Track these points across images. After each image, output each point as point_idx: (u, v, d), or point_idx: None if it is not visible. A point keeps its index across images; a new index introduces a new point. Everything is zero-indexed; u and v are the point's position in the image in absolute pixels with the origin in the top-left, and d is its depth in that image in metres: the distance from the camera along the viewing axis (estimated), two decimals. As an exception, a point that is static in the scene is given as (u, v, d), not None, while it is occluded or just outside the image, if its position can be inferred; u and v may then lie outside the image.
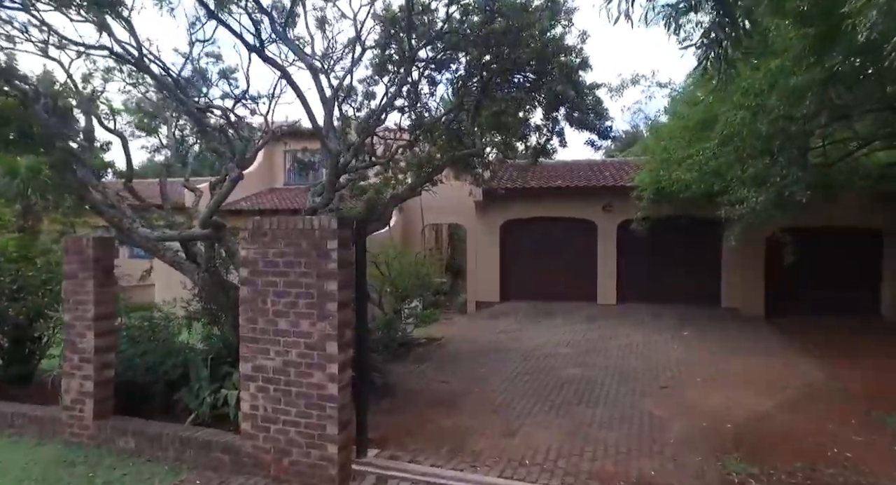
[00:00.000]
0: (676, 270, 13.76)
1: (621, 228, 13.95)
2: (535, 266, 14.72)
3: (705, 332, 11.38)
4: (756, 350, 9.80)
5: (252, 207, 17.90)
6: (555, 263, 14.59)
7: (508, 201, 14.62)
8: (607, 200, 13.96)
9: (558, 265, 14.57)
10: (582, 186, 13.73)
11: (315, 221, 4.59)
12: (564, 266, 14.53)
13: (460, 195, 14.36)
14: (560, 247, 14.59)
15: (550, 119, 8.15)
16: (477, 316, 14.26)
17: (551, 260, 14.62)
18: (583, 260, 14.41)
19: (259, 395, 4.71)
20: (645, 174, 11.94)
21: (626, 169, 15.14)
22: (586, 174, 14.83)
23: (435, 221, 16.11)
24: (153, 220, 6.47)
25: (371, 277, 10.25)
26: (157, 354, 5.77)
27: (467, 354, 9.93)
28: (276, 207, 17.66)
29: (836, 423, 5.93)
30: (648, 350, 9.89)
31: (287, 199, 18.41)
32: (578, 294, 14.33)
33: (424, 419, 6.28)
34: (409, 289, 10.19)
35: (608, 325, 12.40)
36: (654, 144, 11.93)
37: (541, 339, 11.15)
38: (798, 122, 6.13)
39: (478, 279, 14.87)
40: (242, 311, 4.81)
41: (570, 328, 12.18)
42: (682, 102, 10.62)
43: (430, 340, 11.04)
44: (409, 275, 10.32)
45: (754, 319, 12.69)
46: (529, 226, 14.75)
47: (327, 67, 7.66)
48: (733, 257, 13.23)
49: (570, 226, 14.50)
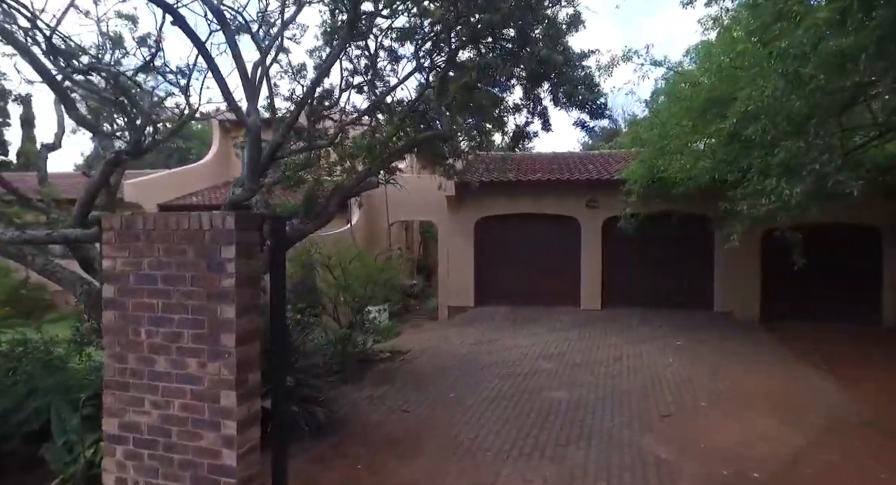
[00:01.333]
0: (665, 271, 12.71)
1: (607, 226, 12.84)
2: (512, 268, 13.51)
3: (700, 340, 10.32)
4: (758, 363, 8.74)
5: (203, 201, 16.28)
6: (534, 264, 13.41)
7: (483, 197, 13.37)
8: (591, 195, 12.82)
9: (538, 267, 13.39)
10: (564, 180, 12.56)
11: (205, 218, 3.22)
12: (545, 268, 13.36)
13: (431, 190, 13.04)
14: (540, 247, 13.41)
15: (532, 98, 6.90)
16: (449, 323, 12.99)
17: (530, 261, 13.43)
18: (565, 261, 13.26)
19: (129, 464, 3.34)
20: (637, 165, 10.82)
21: (611, 162, 14.05)
22: (568, 167, 13.66)
23: (404, 218, 14.78)
24: (14, 215, 4.99)
25: (326, 283, 8.90)
26: (14, 395, 4.31)
27: (436, 371, 8.65)
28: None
29: (887, 468, 4.82)
30: (641, 364, 8.75)
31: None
32: (560, 298, 13.18)
33: (375, 468, 4.98)
34: (370, 295, 8.85)
35: (594, 333, 11.26)
36: (647, 130, 10.76)
37: (520, 350, 9.94)
38: (842, 94, 5.04)
39: (450, 282, 13.60)
40: (107, 344, 3.43)
41: (552, 337, 11.00)
42: (682, 82, 9.46)
43: (394, 354, 9.73)
44: (372, 279, 8.97)
45: (749, 324, 11.71)
46: (507, 224, 13.53)
47: (262, 30, 6.26)
48: (726, 258, 12.22)
49: (550, 224, 13.33)
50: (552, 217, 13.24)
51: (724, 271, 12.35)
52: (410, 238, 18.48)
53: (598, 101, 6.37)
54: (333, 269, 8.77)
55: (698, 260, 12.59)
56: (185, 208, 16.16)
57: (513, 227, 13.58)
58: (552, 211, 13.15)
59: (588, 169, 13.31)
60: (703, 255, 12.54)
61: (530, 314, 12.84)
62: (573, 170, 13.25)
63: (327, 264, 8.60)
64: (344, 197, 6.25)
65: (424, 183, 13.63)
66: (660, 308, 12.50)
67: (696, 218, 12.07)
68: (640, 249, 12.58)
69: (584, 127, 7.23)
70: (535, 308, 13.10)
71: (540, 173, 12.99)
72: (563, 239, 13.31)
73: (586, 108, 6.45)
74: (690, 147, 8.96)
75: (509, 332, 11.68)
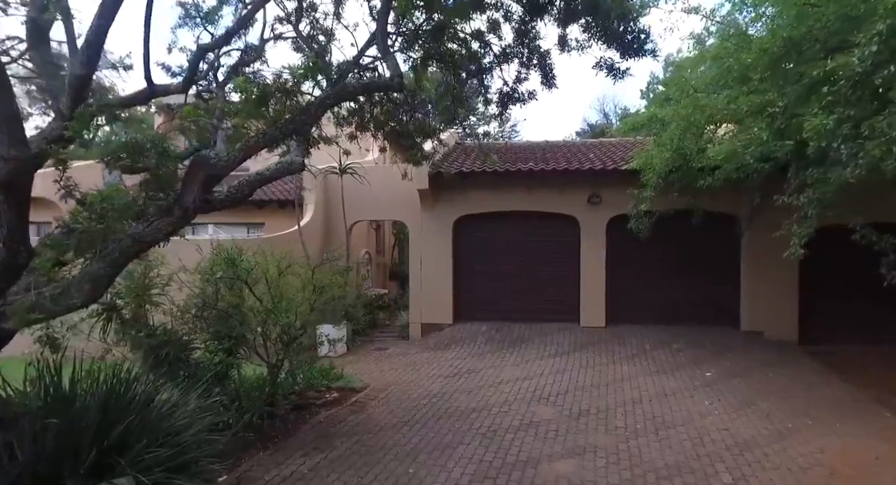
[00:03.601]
0: (682, 282, 10.56)
1: (612, 226, 10.63)
2: (498, 277, 11.25)
3: (734, 372, 8.16)
4: (828, 411, 6.57)
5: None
6: (525, 272, 11.17)
7: (464, 190, 11.11)
8: (594, 189, 10.61)
9: (529, 275, 11.15)
10: (562, 171, 10.32)
11: None
12: (537, 277, 11.13)
13: (400, 183, 10.76)
14: (531, 251, 11.18)
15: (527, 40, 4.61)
16: (421, 344, 10.68)
17: (520, 269, 11.19)
18: (561, 269, 11.04)
19: None
20: (656, 151, 8.62)
21: (616, 151, 11.86)
22: (566, 157, 11.45)
23: (368, 216, 12.45)
24: None
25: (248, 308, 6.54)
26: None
27: (395, 424, 6.35)
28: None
29: None
30: (670, 411, 6.54)
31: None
32: (556, 313, 10.96)
33: None
34: (307, 321, 6.49)
35: (599, 360, 9.04)
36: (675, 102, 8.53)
37: (507, 388, 7.69)
38: None
39: (424, 294, 11.30)
40: None
41: (548, 366, 8.76)
42: (729, 32, 7.20)
43: (345, 394, 7.42)
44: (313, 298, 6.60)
45: (786, 347, 9.58)
46: (492, 223, 11.28)
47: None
48: (756, 266, 10.11)
49: (544, 224, 11.10)
50: (547, 216, 11.01)
51: (753, 283, 10.21)
52: (382, 240, 16.15)
53: (636, 31, 4.14)
54: (255, 285, 6.40)
55: (722, 269, 10.44)
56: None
57: (499, 227, 11.32)
58: (547, 208, 10.91)
59: (589, 158, 11.09)
60: (728, 262, 10.40)
61: (520, 334, 10.59)
62: (571, 159, 11.03)
63: (245, 279, 6.22)
64: (211, 179, 3.88)
65: (392, 175, 11.34)
66: (675, 326, 10.34)
67: (720, 218, 9.93)
68: (651, 254, 10.41)
69: (610, 70, 4.97)
70: (525, 326, 10.86)
71: (532, 163, 10.74)
72: (560, 242, 11.09)
73: (618, 42, 4.21)
74: (747, 116, 6.73)
75: (494, 358, 9.41)
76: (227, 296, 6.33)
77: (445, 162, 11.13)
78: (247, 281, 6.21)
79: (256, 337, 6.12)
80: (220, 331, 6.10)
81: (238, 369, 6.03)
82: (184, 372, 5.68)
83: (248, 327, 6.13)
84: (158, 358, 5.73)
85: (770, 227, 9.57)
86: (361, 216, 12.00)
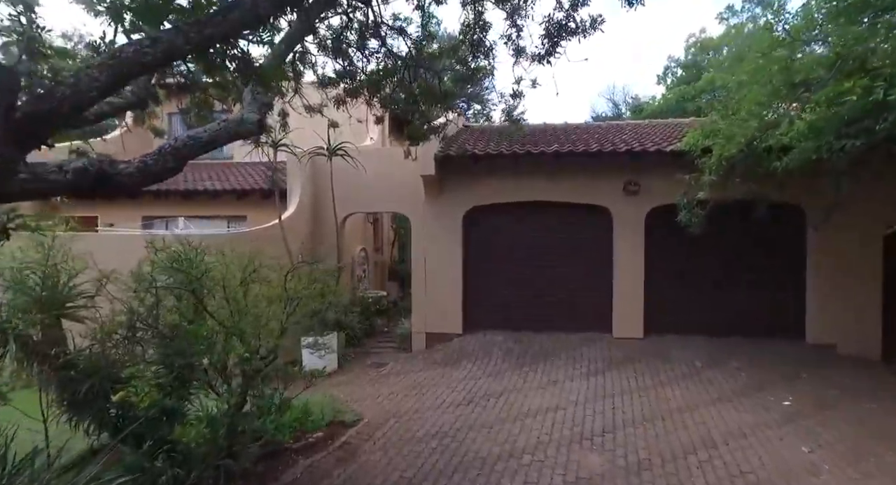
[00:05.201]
0: (736, 285, 8.94)
1: (653, 219, 8.99)
2: (515, 279, 9.62)
3: (820, 399, 6.55)
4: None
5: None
6: (547, 273, 9.54)
7: (476, 178, 9.46)
8: (631, 176, 8.96)
9: (552, 277, 9.52)
10: (594, 153, 8.65)
11: None
12: (562, 279, 9.50)
13: (402, 169, 9.14)
14: (555, 249, 9.54)
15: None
16: (426, 358, 9.05)
17: (541, 269, 9.56)
18: (590, 269, 9.41)
19: None
20: (725, 125, 6.97)
21: (651, 132, 10.21)
22: (595, 138, 9.78)
23: (363, 208, 10.77)
24: None
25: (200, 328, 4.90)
26: None
27: (396, 482, 4.73)
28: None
29: None
30: (763, 466, 4.92)
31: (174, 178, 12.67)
32: (584, 322, 9.34)
33: None
34: (277, 345, 4.84)
35: (643, 382, 7.42)
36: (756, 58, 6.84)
37: (537, 422, 6.09)
38: None
39: (428, 299, 9.66)
40: None
41: (582, 390, 7.14)
42: None
43: (331, 429, 5.82)
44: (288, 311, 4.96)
45: (869, 365, 7.96)
46: (508, 217, 9.64)
47: None
48: (826, 268, 8.48)
49: (571, 216, 9.46)
50: (573, 207, 9.36)
51: (822, 287, 8.57)
52: (380, 236, 14.50)
53: None
54: (210, 295, 4.76)
55: (783, 270, 8.81)
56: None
57: (517, 221, 9.68)
58: (573, 198, 9.27)
59: (622, 140, 9.42)
60: (791, 263, 8.77)
61: (542, 346, 8.97)
62: (603, 141, 9.36)
63: (194, 289, 4.57)
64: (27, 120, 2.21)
65: (392, 159, 9.70)
66: (727, 338, 8.72)
67: (785, 210, 8.31)
68: (699, 252, 8.79)
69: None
70: (547, 336, 9.24)
71: (557, 145, 9.08)
72: (589, 238, 9.46)
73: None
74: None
75: (515, 378, 7.80)
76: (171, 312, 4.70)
77: (453, 146, 9.47)
78: (195, 291, 4.57)
79: (210, 367, 4.48)
80: (166, 358, 4.47)
81: (180, 415, 4.38)
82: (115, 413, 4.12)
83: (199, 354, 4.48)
84: (77, 397, 4.13)
85: (847, 220, 8.06)
86: (356, 208, 10.34)
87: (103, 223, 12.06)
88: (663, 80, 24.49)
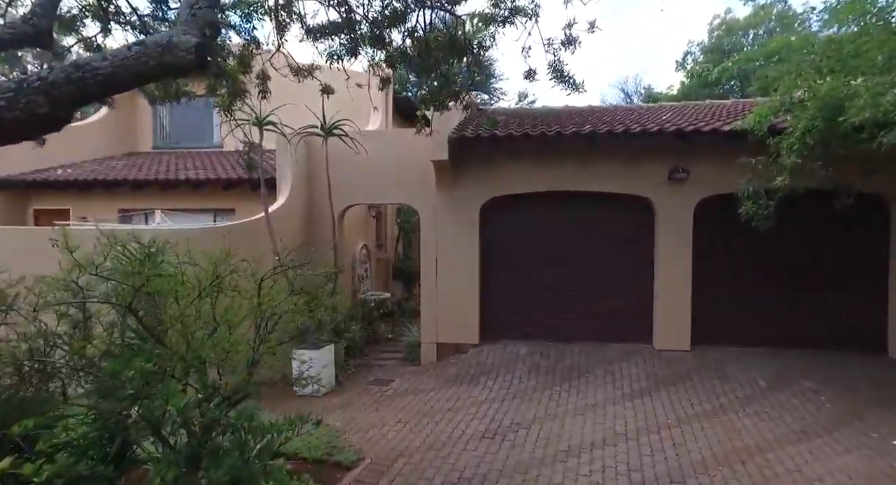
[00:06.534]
0: (800, 290, 7.66)
1: (703, 211, 7.70)
2: (540, 280, 8.35)
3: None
4: None
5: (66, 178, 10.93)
6: (576, 274, 8.28)
7: (495, 164, 8.18)
8: (678, 161, 7.65)
9: (582, 279, 8.26)
10: (637, 133, 7.33)
11: None
12: (593, 280, 8.24)
13: (409, 153, 7.86)
14: (585, 246, 8.27)
15: None
16: (438, 374, 7.79)
17: (570, 270, 8.29)
18: (627, 270, 8.15)
19: None
20: (810, 95, 5.67)
21: (698, 113, 8.91)
22: (633, 118, 8.47)
23: (364, 199, 9.43)
24: None
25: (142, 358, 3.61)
26: None
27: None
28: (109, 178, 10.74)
29: None
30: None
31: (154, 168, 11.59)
32: (620, 331, 8.08)
33: None
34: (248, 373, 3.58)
35: (701, 406, 6.15)
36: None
37: (583, 464, 4.87)
38: None
39: (440, 304, 8.38)
40: None
41: (630, 418, 5.89)
42: None
43: (324, 476, 4.57)
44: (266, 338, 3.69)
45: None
46: (532, 209, 8.37)
47: None
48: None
49: (605, 208, 8.19)
50: (608, 198, 8.08)
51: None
52: (383, 231, 13.21)
53: None
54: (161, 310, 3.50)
55: (862, 273, 7.53)
56: (29, 185, 10.81)
57: (542, 214, 8.40)
58: (608, 188, 7.97)
59: (663, 120, 8.09)
60: (872, 265, 7.48)
61: (574, 360, 7.70)
62: (645, 121, 8.05)
63: (129, 303, 3.28)
64: None
65: (398, 142, 8.43)
66: (793, 351, 7.47)
67: (866, 202, 7.01)
68: (758, 251, 7.52)
69: None
70: (578, 348, 7.99)
71: (590, 125, 7.78)
72: (626, 234, 8.19)
73: None
74: None
75: (546, 400, 6.53)
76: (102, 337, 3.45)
77: (468, 127, 8.18)
78: (130, 305, 3.30)
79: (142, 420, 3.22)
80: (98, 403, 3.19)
81: None
82: None
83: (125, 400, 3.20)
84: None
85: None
86: (356, 199, 9.04)
87: (75, 217, 10.83)
88: (682, 67, 23.07)
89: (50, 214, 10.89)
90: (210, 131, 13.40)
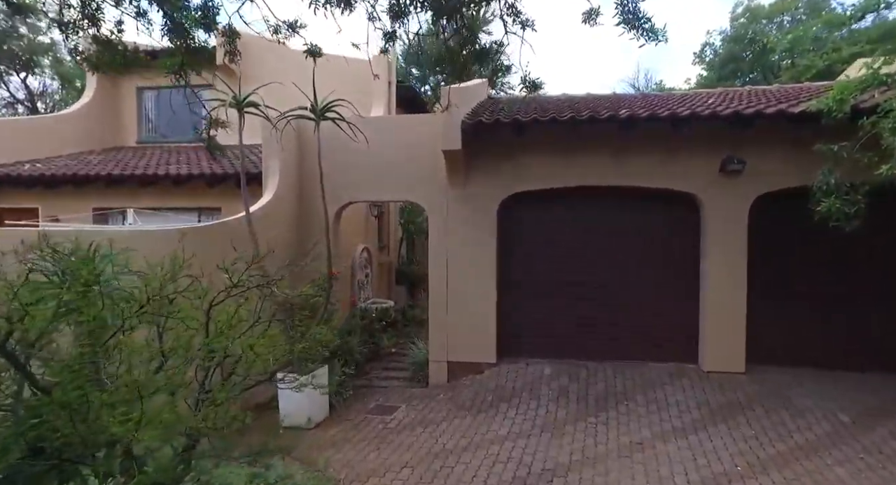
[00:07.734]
0: (878, 303, 6.53)
1: (760, 210, 6.58)
2: (567, 290, 7.25)
3: None
4: None
5: (34, 173, 9.86)
6: (608, 283, 7.17)
7: (515, 155, 7.08)
8: (731, 151, 6.53)
9: (615, 288, 7.16)
10: (684, 118, 6.22)
11: None
12: (628, 290, 7.14)
13: (417, 145, 6.76)
14: (621, 251, 7.16)
15: None
16: (450, 399, 6.68)
17: (600, 278, 7.19)
18: (670, 278, 7.05)
19: None
20: None
21: (744, 98, 7.79)
22: (677, 103, 7.37)
23: (367, 196, 8.28)
24: None
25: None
26: None
27: None
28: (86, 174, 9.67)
29: None
30: None
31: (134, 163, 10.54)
32: (660, 349, 6.98)
33: None
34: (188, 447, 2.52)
35: (775, 450, 5.03)
36: None
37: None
38: None
39: (451, 316, 7.27)
40: None
41: (684, 461, 4.77)
42: None
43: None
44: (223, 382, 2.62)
45: None
46: (558, 206, 7.27)
47: None
48: None
49: (642, 206, 7.10)
50: (646, 194, 6.98)
51: None
52: (386, 231, 12.11)
53: None
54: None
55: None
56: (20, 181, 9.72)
57: (569, 213, 7.30)
58: (647, 182, 6.86)
59: (707, 104, 6.98)
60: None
61: (608, 384, 6.59)
62: (693, 104, 6.93)
63: (21, 338, 2.19)
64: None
65: (403, 129, 7.35)
66: (872, 375, 6.34)
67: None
68: (827, 257, 6.40)
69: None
70: (612, 368, 6.88)
71: (627, 110, 6.67)
72: (668, 236, 7.08)
73: None
74: None
75: (581, 436, 5.42)
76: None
77: (484, 113, 7.07)
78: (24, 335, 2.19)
79: None
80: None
81: None
82: None
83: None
84: None
85: None
86: (354, 196, 7.93)
87: (45, 216, 9.77)
88: (700, 59, 21.91)
89: (16, 213, 9.83)
90: (200, 124, 12.34)
